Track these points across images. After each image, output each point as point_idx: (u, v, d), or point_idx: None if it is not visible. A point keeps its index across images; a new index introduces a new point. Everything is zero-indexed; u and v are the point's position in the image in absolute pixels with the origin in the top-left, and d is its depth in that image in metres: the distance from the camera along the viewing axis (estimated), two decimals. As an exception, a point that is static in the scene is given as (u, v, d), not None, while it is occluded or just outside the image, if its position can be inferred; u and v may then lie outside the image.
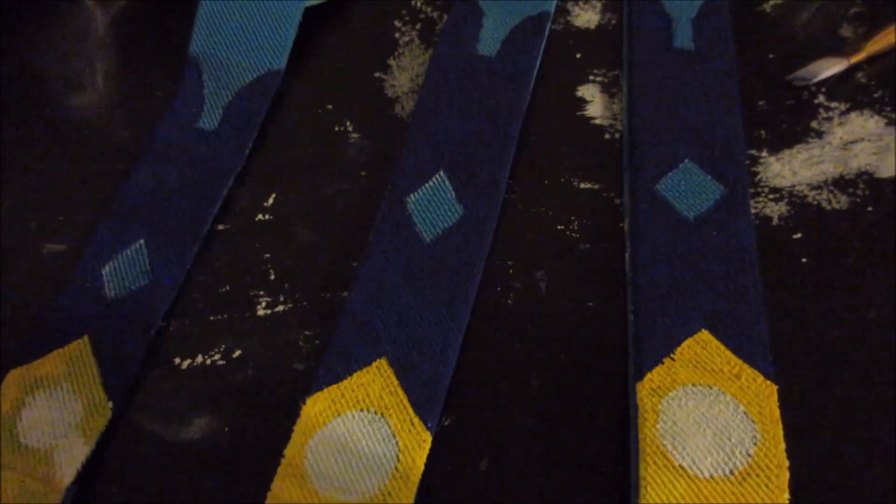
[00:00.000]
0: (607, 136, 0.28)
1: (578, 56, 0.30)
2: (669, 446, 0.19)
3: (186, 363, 0.24)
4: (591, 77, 0.29)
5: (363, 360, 0.22)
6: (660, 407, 0.20)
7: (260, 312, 0.24)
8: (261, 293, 0.25)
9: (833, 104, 0.28)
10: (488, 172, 0.26)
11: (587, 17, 0.31)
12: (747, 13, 0.31)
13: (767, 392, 0.20)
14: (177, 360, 0.24)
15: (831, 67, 0.28)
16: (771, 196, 0.26)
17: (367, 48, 0.31)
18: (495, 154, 0.26)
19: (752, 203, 0.25)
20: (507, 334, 0.23)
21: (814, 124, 0.27)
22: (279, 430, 0.21)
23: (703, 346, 0.21)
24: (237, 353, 0.24)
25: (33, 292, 0.25)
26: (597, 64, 0.30)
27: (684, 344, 0.21)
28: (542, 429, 0.22)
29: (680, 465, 0.19)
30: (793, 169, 0.26)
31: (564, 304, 0.24)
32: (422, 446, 0.20)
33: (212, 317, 0.24)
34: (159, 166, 0.27)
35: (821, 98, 0.28)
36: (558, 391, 0.22)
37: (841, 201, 0.25)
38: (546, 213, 0.26)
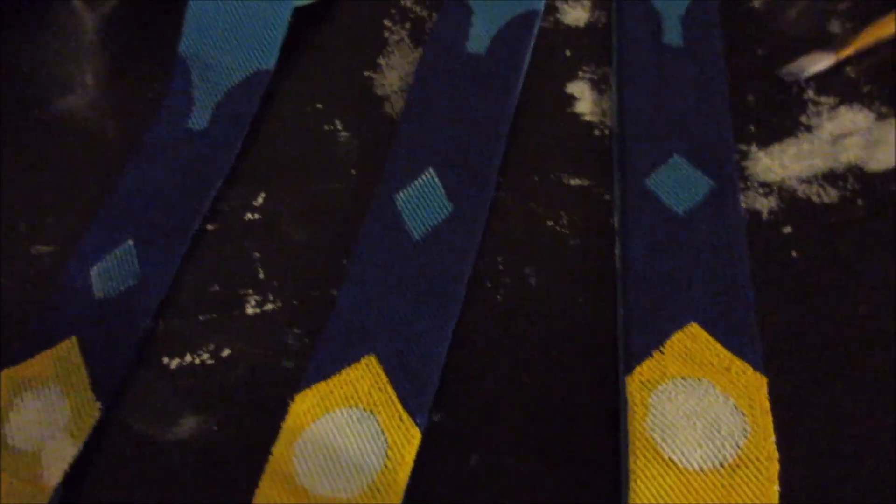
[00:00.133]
0: (597, 133, 0.28)
1: (568, 53, 0.30)
2: (659, 439, 0.19)
3: (175, 363, 0.23)
4: (581, 74, 0.29)
5: (352, 357, 0.21)
6: (649, 400, 0.20)
7: (249, 311, 0.24)
8: (250, 292, 0.25)
9: (822, 99, 0.28)
10: (478, 169, 0.26)
11: (576, 15, 0.31)
12: (736, 9, 0.31)
13: (757, 384, 0.20)
14: (166, 360, 0.23)
15: (820, 62, 0.28)
16: (760, 190, 0.26)
17: (357, 47, 0.31)
18: (485, 151, 0.26)
19: (742, 197, 0.25)
20: (497, 330, 0.23)
21: (803, 119, 0.27)
22: (269, 430, 0.21)
23: (693, 340, 0.21)
24: (226, 353, 0.24)
25: (22, 294, 0.25)
26: (586, 61, 0.30)
27: (674, 337, 0.21)
28: (533, 424, 0.22)
29: (669, 458, 0.19)
30: (782, 163, 0.26)
31: (554, 300, 0.24)
32: (411, 442, 0.20)
33: (201, 316, 0.24)
34: (148, 167, 0.27)
35: (810, 93, 0.28)
36: (548, 387, 0.22)
37: (831, 195, 0.25)
38: (536, 210, 0.26)
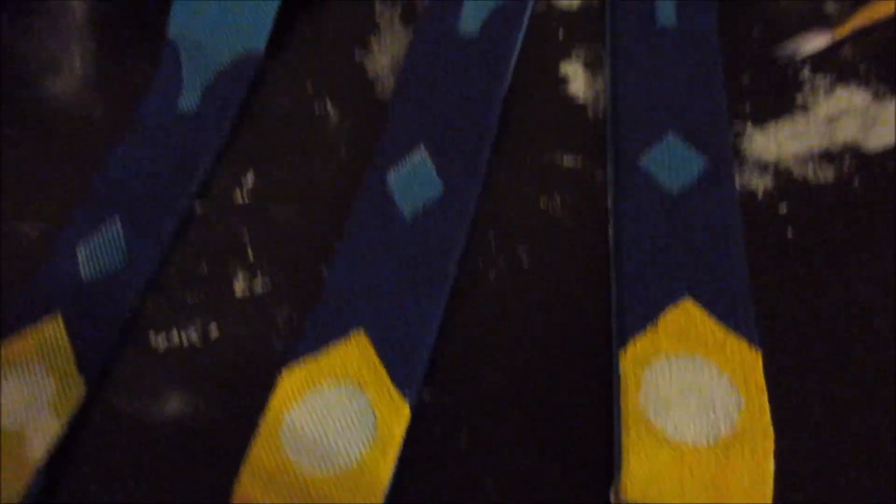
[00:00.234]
0: (590, 114, 0.27)
1: (561, 35, 0.30)
2: (652, 415, 0.19)
3: (163, 343, 0.23)
4: (574, 55, 0.29)
5: (340, 333, 0.21)
6: (643, 376, 0.20)
7: (238, 292, 0.24)
8: (239, 273, 0.24)
9: (819, 78, 0.27)
10: (470, 149, 0.25)
11: (570, -2, 0.31)
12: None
13: (752, 360, 0.20)
14: (153, 340, 0.23)
15: (816, 42, 0.28)
16: (756, 170, 0.25)
17: (348, 28, 0.31)
18: (477, 131, 0.26)
19: (738, 177, 0.25)
20: (489, 309, 0.23)
21: (799, 98, 0.27)
22: (256, 409, 0.21)
23: (687, 316, 0.21)
24: (215, 333, 0.23)
25: (7, 275, 0.25)
26: (579, 42, 0.29)
27: (668, 313, 0.21)
28: (524, 403, 0.21)
29: (663, 434, 0.19)
30: (778, 143, 0.26)
31: (547, 280, 0.24)
32: (400, 419, 0.20)
33: (189, 296, 0.24)
34: (137, 147, 0.27)
35: (806, 72, 0.28)
36: (540, 365, 0.22)
37: (827, 174, 0.25)
38: (529, 190, 0.26)
